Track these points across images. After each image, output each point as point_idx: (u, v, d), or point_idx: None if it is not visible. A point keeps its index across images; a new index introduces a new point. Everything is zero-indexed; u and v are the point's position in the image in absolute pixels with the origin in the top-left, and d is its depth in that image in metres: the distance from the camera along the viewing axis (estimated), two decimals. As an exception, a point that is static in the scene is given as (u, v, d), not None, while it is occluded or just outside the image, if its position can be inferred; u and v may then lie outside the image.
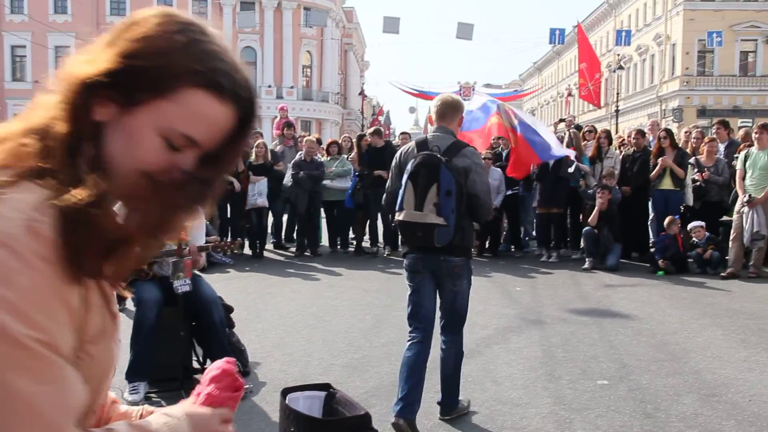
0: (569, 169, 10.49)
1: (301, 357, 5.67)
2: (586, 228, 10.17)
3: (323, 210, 11.77)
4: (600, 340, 6.21)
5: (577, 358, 5.62)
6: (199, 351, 5.04)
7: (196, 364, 4.99)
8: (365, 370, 5.29)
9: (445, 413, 4.34)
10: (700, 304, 7.76)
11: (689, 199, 10.32)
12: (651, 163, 10.46)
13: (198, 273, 5.02)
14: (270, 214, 11.76)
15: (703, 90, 41.20)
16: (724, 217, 10.19)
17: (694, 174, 10.28)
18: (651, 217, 11.02)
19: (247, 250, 11.18)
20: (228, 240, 6.77)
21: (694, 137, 11.35)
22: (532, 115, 71.56)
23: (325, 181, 11.22)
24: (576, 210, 11.02)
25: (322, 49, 50.73)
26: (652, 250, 10.47)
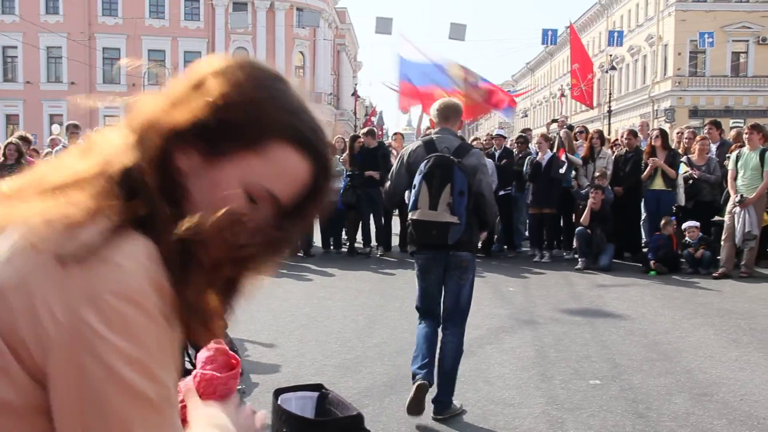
0: (560, 170, 10.54)
1: (293, 357, 5.66)
2: (579, 228, 10.18)
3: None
4: (592, 340, 6.23)
5: (569, 358, 5.63)
6: (191, 353, 5.02)
7: (189, 366, 4.98)
8: (358, 371, 5.29)
9: (438, 412, 4.34)
10: (692, 303, 7.79)
11: (681, 199, 10.35)
12: (643, 164, 10.49)
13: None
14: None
15: (695, 90, 41.38)
16: (716, 217, 10.22)
17: (687, 172, 10.31)
18: (643, 217, 11.06)
19: (239, 251, 11.14)
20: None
21: (686, 137, 11.40)
22: (525, 116, 71.64)
23: (318, 182, 11.20)
24: (569, 210, 11.02)
25: (314, 50, 50.72)
26: (645, 250, 10.51)
